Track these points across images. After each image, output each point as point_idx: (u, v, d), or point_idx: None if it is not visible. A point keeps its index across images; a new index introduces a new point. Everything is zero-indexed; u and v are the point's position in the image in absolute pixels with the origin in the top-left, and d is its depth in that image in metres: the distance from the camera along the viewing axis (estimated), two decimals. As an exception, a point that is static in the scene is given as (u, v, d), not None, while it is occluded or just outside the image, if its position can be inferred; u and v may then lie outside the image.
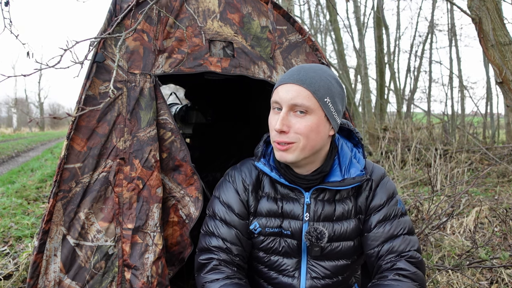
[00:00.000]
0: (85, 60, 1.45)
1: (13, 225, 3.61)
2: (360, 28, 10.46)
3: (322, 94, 1.23)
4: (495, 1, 2.86)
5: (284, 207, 1.36)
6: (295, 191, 1.37)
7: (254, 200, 1.39)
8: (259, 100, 2.89)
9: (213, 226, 1.39)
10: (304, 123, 1.22)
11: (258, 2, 1.78)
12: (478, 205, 3.73)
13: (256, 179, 1.41)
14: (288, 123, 1.23)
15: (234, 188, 1.41)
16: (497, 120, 10.02)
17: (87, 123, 1.51)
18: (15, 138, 20.77)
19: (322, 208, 1.35)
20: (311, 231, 1.32)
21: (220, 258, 1.34)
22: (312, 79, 1.23)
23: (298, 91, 1.21)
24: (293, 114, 1.23)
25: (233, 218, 1.38)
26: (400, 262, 1.30)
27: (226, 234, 1.37)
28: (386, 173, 1.45)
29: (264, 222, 1.37)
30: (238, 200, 1.39)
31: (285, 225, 1.36)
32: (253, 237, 1.40)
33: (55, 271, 1.45)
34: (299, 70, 1.26)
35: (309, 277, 1.38)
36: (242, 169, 1.44)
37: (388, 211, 1.37)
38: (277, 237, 1.38)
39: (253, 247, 1.42)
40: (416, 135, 7.33)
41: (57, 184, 1.46)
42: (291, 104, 1.22)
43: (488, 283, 2.31)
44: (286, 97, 1.22)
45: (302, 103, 1.21)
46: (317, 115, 1.23)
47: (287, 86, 1.24)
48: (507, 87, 2.92)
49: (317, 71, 1.26)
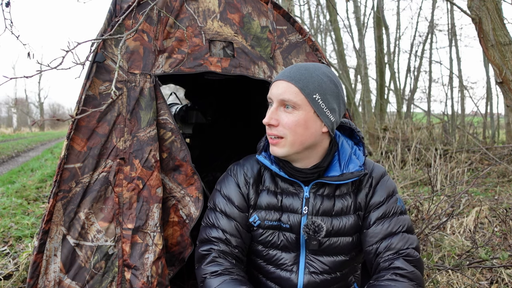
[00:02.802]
0: (86, 61, 1.45)
1: (13, 225, 3.61)
2: (360, 28, 10.46)
3: (311, 90, 1.26)
4: (495, 1, 2.86)
5: (283, 201, 1.39)
6: (294, 185, 1.39)
7: (255, 193, 1.43)
8: (259, 100, 2.89)
9: (213, 218, 1.43)
10: (292, 118, 1.27)
11: (258, 2, 1.78)
12: (478, 205, 3.73)
13: (257, 173, 1.45)
14: (276, 117, 1.29)
15: (235, 181, 1.45)
16: (497, 120, 10.02)
17: (87, 123, 1.51)
18: (15, 138, 20.78)
19: (321, 203, 1.37)
20: (309, 224, 1.35)
21: (219, 249, 1.38)
22: (301, 76, 1.27)
23: (287, 87, 1.27)
24: (282, 109, 1.29)
25: (233, 210, 1.41)
26: (398, 260, 1.30)
27: (226, 225, 1.40)
28: (386, 171, 1.47)
29: (264, 215, 1.40)
30: (238, 193, 1.43)
31: (284, 218, 1.39)
32: (252, 230, 1.43)
33: (55, 271, 1.45)
34: (292, 68, 1.32)
35: (307, 271, 1.39)
36: (245, 164, 1.48)
37: (388, 208, 1.39)
38: (276, 230, 1.40)
39: (252, 240, 1.44)
40: (416, 135, 7.33)
41: (57, 184, 1.46)
42: (280, 99, 1.28)
43: (488, 283, 2.31)
44: (276, 93, 1.29)
45: (289, 99, 1.26)
46: (305, 111, 1.27)
47: (278, 83, 1.30)
48: (507, 87, 2.93)
49: (310, 69, 1.30)
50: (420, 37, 13.45)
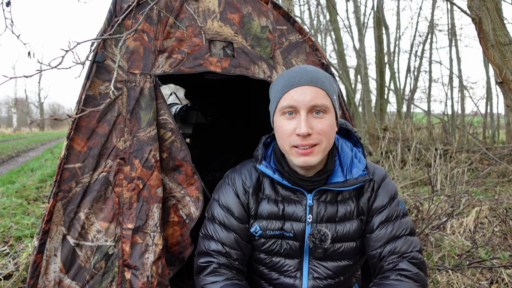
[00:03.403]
0: (86, 61, 1.45)
1: (13, 225, 3.61)
2: (360, 28, 10.46)
3: (332, 92, 1.26)
4: (495, 1, 2.86)
5: (285, 209, 1.35)
6: (296, 192, 1.35)
7: (255, 202, 1.38)
8: (259, 100, 2.89)
9: (212, 230, 1.38)
10: (326, 123, 1.23)
11: (258, 2, 1.78)
12: (478, 205, 3.73)
13: (256, 181, 1.39)
14: (310, 125, 1.22)
15: (233, 191, 1.39)
16: (497, 120, 10.02)
17: (87, 123, 1.51)
18: (15, 138, 20.77)
19: (325, 210, 1.34)
20: (315, 233, 1.31)
21: (219, 262, 1.34)
22: (322, 79, 1.25)
23: (316, 91, 1.22)
24: (311, 115, 1.23)
25: (232, 222, 1.36)
26: (402, 262, 1.30)
27: (225, 238, 1.35)
28: (387, 174, 1.45)
29: (265, 224, 1.36)
30: (237, 203, 1.37)
31: (287, 227, 1.35)
32: (253, 239, 1.40)
33: (55, 271, 1.45)
34: (306, 72, 1.26)
35: (311, 277, 1.38)
36: (242, 171, 1.42)
37: (390, 212, 1.37)
38: (279, 239, 1.37)
39: (254, 249, 1.42)
40: (416, 135, 7.33)
41: (57, 184, 1.46)
42: (311, 105, 1.21)
43: (488, 283, 2.31)
44: (304, 100, 1.21)
45: (322, 103, 1.22)
46: (332, 114, 1.26)
47: (302, 88, 1.23)
48: (507, 87, 2.93)
49: (319, 71, 1.29)
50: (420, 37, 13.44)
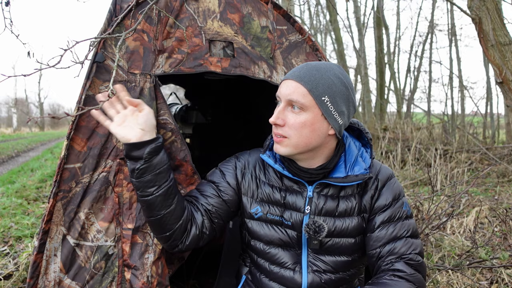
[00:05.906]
0: (86, 60, 1.44)
1: (13, 225, 3.61)
2: (360, 28, 10.47)
3: (320, 92, 1.24)
4: (495, 1, 2.86)
5: (287, 198, 1.39)
6: (299, 184, 1.40)
7: (254, 184, 1.45)
8: (259, 100, 2.89)
9: (198, 185, 1.51)
10: (298, 120, 1.26)
11: (258, 2, 1.78)
12: (478, 205, 3.73)
13: (260, 167, 1.47)
14: (283, 117, 1.28)
15: (234, 162, 1.50)
16: (497, 120, 10.03)
17: (87, 123, 1.51)
18: (15, 138, 20.79)
19: (324, 203, 1.36)
20: (310, 224, 1.34)
21: (187, 200, 1.45)
22: (312, 77, 1.25)
23: (295, 87, 1.25)
24: (290, 109, 1.28)
25: (220, 180, 1.47)
26: (398, 263, 1.29)
27: (205, 188, 1.47)
28: (394, 174, 1.44)
29: (266, 208, 1.42)
30: (233, 172, 1.47)
31: (287, 215, 1.39)
32: (252, 218, 1.45)
33: (55, 271, 1.45)
34: (302, 68, 1.29)
35: (310, 270, 1.39)
36: (251, 153, 1.52)
37: (393, 212, 1.37)
38: (278, 225, 1.41)
39: (253, 236, 1.44)
40: (416, 135, 7.34)
41: (57, 184, 1.46)
42: (288, 99, 1.26)
43: (488, 283, 2.31)
44: (284, 92, 1.27)
45: (297, 100, 1.24)
46: (313, 113, 1.25)
47: (288, 82, 1.28)
48: (507, 87, 2.93)
49: (321, 70, 1.27)
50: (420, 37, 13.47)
